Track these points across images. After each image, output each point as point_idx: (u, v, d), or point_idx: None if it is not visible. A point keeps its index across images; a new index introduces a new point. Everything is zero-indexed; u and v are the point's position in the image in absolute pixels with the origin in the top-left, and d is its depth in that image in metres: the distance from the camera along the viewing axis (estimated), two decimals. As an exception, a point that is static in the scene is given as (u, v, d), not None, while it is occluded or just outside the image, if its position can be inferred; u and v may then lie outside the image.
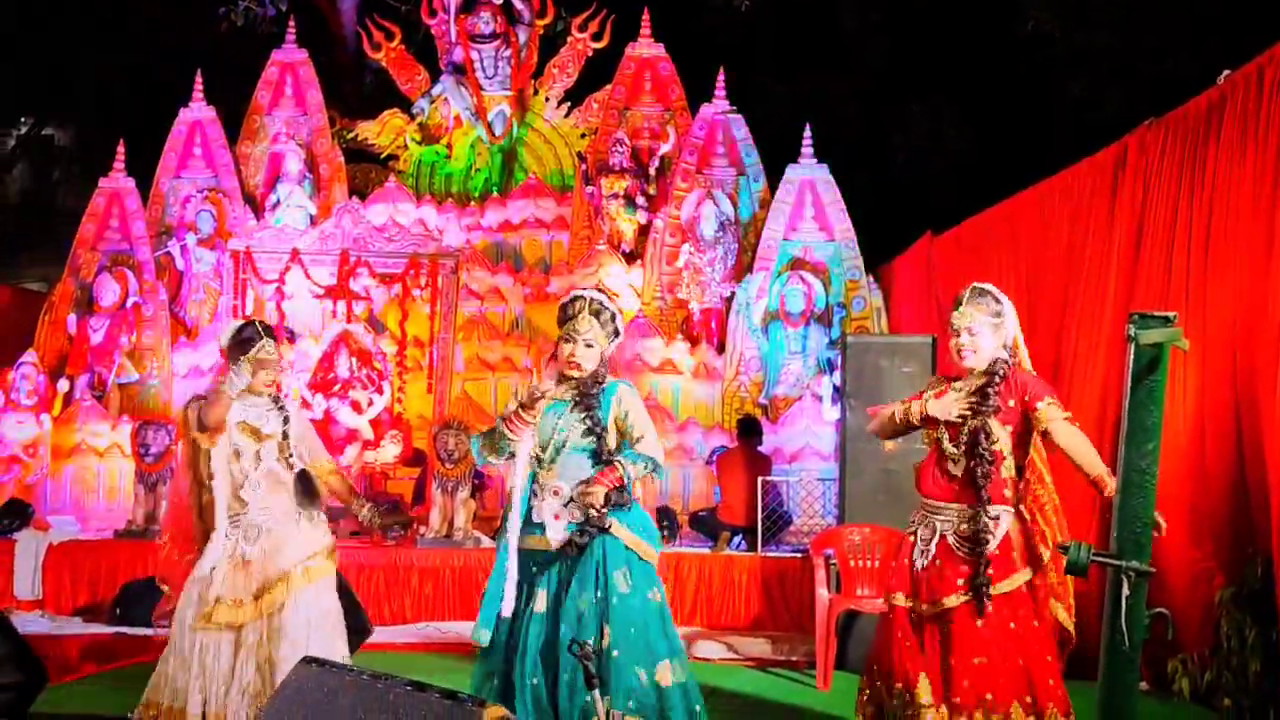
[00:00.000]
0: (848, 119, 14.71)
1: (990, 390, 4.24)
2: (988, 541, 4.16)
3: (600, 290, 4.58)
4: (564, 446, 4.25)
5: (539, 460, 4.28)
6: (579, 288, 4.61)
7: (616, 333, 4.37)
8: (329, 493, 5.05)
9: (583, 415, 4.25)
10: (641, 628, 4.15)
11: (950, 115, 15.13)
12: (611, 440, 4.28)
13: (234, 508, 4.81)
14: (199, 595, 4.75)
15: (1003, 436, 4.25)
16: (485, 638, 4.20)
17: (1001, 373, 4.28)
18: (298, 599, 4.70)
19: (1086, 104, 13.04)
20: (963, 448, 4.27)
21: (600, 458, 4.23)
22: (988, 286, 4.39)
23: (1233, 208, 5.87)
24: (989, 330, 4.31)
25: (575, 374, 4.28)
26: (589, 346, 4.27)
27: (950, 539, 4.24)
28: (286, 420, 4.88)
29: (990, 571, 4.13)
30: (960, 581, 4.19)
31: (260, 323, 5.00)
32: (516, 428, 4.20)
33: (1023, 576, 4.19)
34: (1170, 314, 2.67)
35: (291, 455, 4.86)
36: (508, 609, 4.17)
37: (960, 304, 4.35)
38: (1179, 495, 5.85)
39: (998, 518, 4.22)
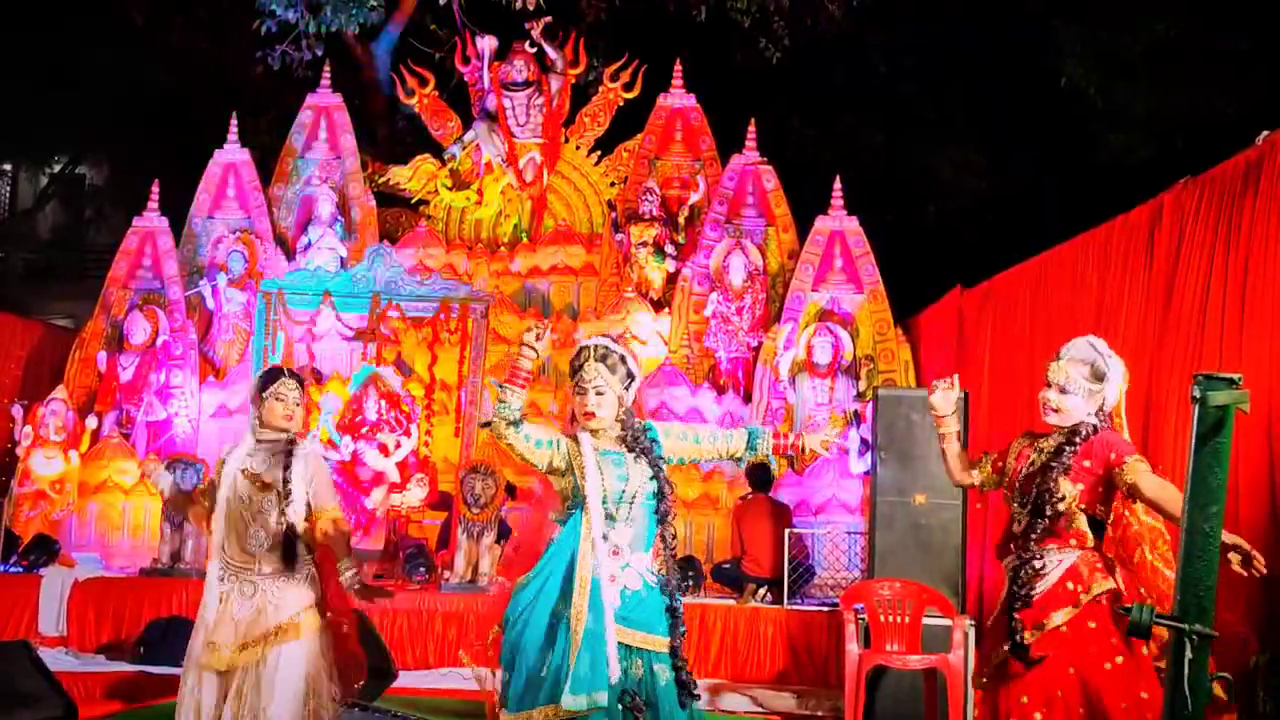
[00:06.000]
0: (878, 169, 14.76)
1: (1066, 449, 4.04)
2: (1035, 584, 4.01)
3: (608, 336, 4.42)
4: (635, 499, 4.06)
5: (609, 515, 4.04)
6: (605, 334, 4.51)
7: (630, 375, 4.16)
8: (322, 540, 4.76)
9: (649, 464, 4.08)
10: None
11: (982, 167, 15.17)
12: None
13: (239, 559, 4.74)
14: (202, 638, 4.72)
15: (1070, 492, 4.04)
16: (604, 699, 3.88)
17: (1084, 434, 4.07)
18: (279, 655, 4.59)
19: (1122, 158, 13.05)
20: (1028, 505, 4.10)
21: (659, 507, 4.08)
22: (1098, 344, 4.15)
23: (1269, 268, 5.84)
24: (1083, 394, 4.09)
25: (594, 425, 4.10)
26: (600, 394, 4.09)
27: (1010, 592, 4.09)
28: (287, 467, 4.70)
29: (1027, 608, 3.98)
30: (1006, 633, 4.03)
31: (288, 369, 4.98)
32: (518, 378, 4.02)
33: (1064, 616, 4.00)
34: (1236, 376, 2.65)
35: (288, 506, 4.67)
36: (615, 673, 3.89)
37: (1061, 357, 4.13)
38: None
39: (1060, 560, 4.04)
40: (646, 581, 4.05)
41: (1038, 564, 4.01)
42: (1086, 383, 4.08)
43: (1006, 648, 4.03)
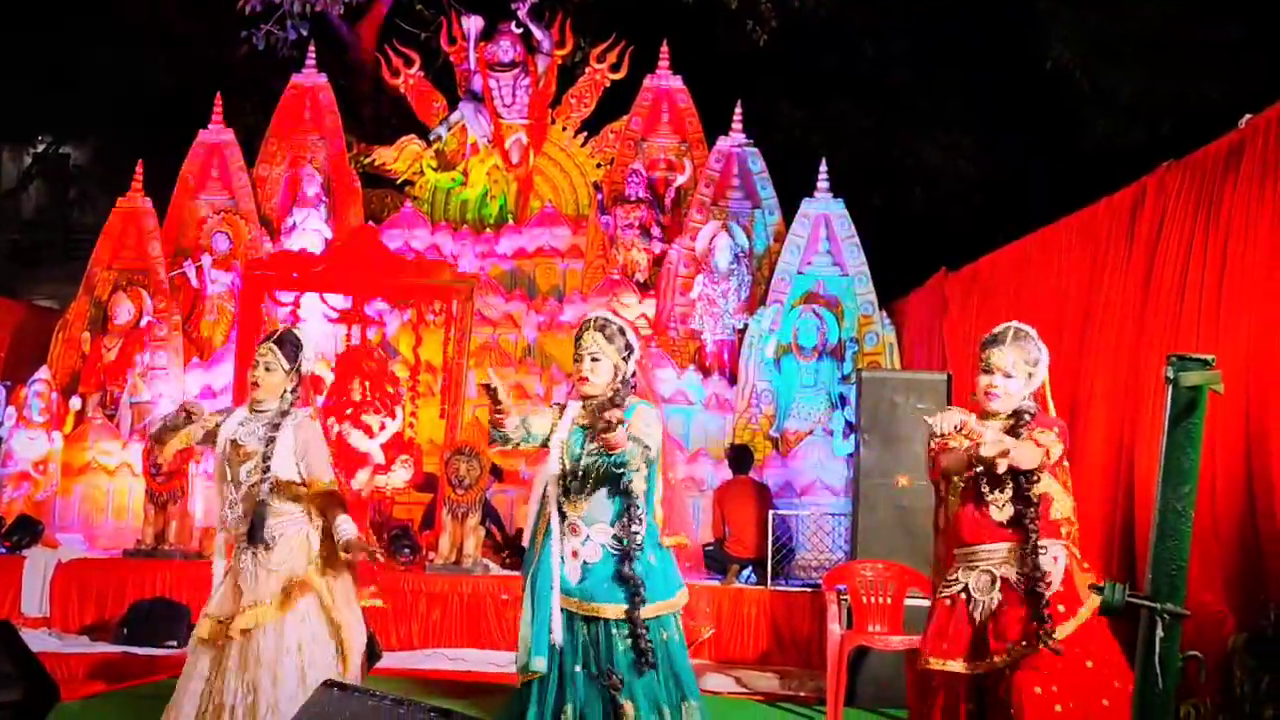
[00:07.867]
0: (866, 153, 14.74)
1: (1021, 432, 4.01)
2: (1048, 579, 3.93)
3: (609, 310, 4.53)
4: (591, 473, 4.14)
5: (566, 489, 4.18)
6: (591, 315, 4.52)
7: (629, 347, 4.25)
8: (316, 512, 4.70)
9: (601, 445, 4.07)
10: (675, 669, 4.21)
11: (970, 151, 15.16)
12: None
13: (228, 528, 4.69)
14: (203, 613, 4.71)
15: (1044, 478, 4.03)
16: (543, 665, 4.04)
17: (1028, 417, 4.08)
18: (276, 624, 4.52)
19: (1110, 143, 13.05)
20: (1007, 492, 4.06)
21: (619, 489, 4.13)
22: (1030, 331, 4.20)
23: (1249, 251, 5.85)
24: (1023, 377, 4.13)
25: (587, 389, 4.20)
26: (595, 360, 4.18)
27: (1012, 579, 4.00)
28: (270, 441, 4.60)
29: (1059, 609, 3.89)
30: (1032, 624, 3.91)
31: (282, 330, 4.92)
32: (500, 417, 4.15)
33: (1088, 609, 3.94)
34: (1209, 356, 2.66)
35: (267, 476, 4.57)
36: (558, 635, 4.06)
37: (1002, 342, 4.15)
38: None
39: (1055, 558, 4.00)
40: (608, 551, 4.15)
41: (1042, 569, 3.94)
42: (1027, 366, 4.14)
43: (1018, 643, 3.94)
